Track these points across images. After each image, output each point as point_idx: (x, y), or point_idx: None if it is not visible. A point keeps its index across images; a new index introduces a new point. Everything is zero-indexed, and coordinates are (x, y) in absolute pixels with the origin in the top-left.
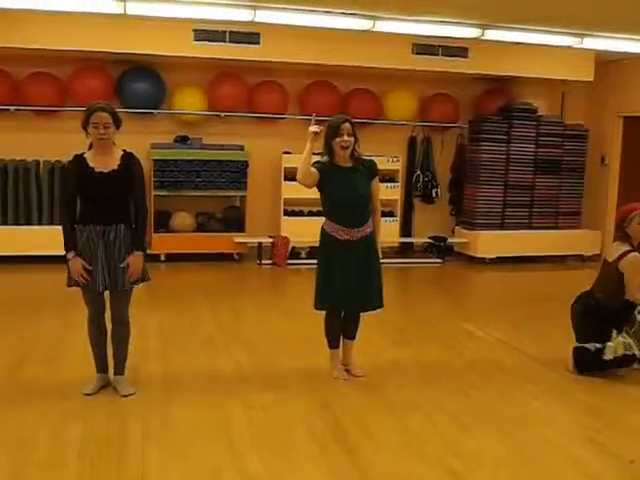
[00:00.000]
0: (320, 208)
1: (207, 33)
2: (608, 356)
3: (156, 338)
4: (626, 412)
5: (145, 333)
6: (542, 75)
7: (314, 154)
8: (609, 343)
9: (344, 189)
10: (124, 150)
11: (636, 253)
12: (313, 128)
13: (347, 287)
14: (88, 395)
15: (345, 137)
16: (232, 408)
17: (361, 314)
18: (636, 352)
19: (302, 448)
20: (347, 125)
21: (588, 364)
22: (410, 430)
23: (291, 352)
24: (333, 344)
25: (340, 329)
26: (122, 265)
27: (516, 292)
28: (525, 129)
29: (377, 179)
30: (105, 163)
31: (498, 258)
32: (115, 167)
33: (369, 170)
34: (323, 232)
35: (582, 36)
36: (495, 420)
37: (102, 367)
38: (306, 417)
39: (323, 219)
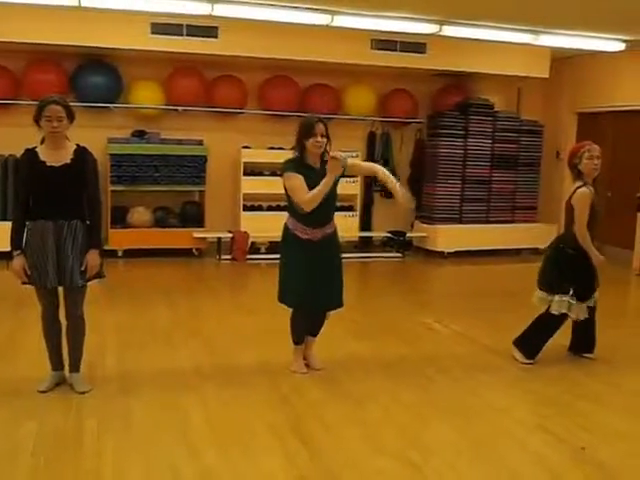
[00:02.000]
0: (279, 203)
1: (164, 26)
2: (554, 309)
3: (113, 335)
4: (575, 399)
5: (102, 330)
6: (499, 71)
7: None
8: (563, 298)
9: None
10: (77, 144)
11: (585, 188)
12: (337, 154)
13: (310, 285)
14: (43, 392)
15: (319, 138)
16: (190, 404)
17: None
18: (572, 315)
19: (261, 442)
20: (321, 126)
21: (532, 347)
22: (368, 422)
23: (250, 347)
24: (298, 341)
25: (306, 327)
26: (82, 268)
27: (474, 285)
28: (482, 124)
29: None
30: (57, 157)
31: (456, 252)
32: (68, 161)
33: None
34: (286, 229)
35: (538, 33)
36: (452, 411)
37: (57, 364)
38: (265, 411)
39: (285, 214)
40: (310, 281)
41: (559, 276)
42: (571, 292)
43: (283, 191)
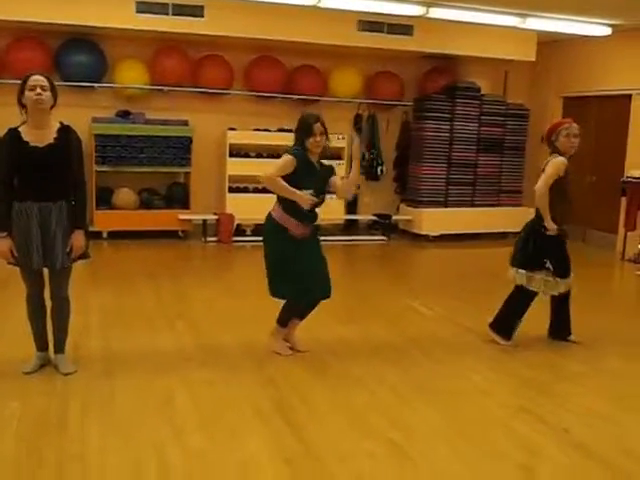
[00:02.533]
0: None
1: (150, 5)
2: (533, 286)
3: (98, 316)
4: (557, 381)
5: (87, 311)
6: (485, 54)
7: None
8: (543, 275)
9: (311, 186)
10: (61, 123)
11: (563, 157)
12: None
13: (304, 279)
14: (27, 373)
15: (318, 137)
16: (175, 386)
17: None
18: (549, 292)
19: (246, 424)
20: (319, 125)
21: (507, 327)
22: (354, 405)
23: (235, 329)
24: (285, 324)
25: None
26: (67, 249)
27: (459, 268)
28: (468, 108)
29: (333, 176)
30: (41, 137)
31: (442, 235)
32: (51, 141)
33: (330, 171)
34: (271, 221)
35: (525, 16)
36: (435, 393)
37: (42, 345)
38: (250, 393)
39: (273, 195)
40: (299, 273)
41: (537, 253)
42: (548, 266)
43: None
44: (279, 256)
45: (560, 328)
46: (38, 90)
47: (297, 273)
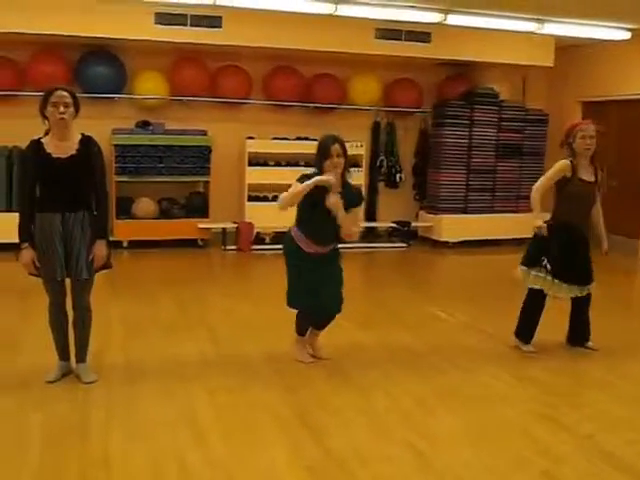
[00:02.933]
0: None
1: (168, 16)
2: (530, 283)
3: (119, 325)
4: (580, 389)
5: (108, 320)
6: (503, 60)
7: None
8: (538, 273)
9: (326, 217)
10: (82, 134)
11: (566, 160)
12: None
13: (313, 294)
14: (50, 382)
15: (335, 159)
16: (196, 393)
17: None
18: (549, 292)
19: (267, 431)
20: (336, 147)
21: (524, 331)
22: (374, 411)
23: (255, 337)
24: (302, 332)
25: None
26: (89, 259)
27: (479, 275)
28: (487, 114)
29: (358, 207)
30: (63, 148)
31: (461, 242)
32: (73, 152)
33: (355, 198)
34: (289, 239)
35: (542, 22)
36: (457, 399)
37: (64, 355)
38: (271, 401)
39: (291, 210)
40: (313, 289)
41: (535, 249)
42: (545, 264)
43: (287, 182)
44: (294, 270)
45: (577, 334)
46: (61, 109)
47: (307, 289)
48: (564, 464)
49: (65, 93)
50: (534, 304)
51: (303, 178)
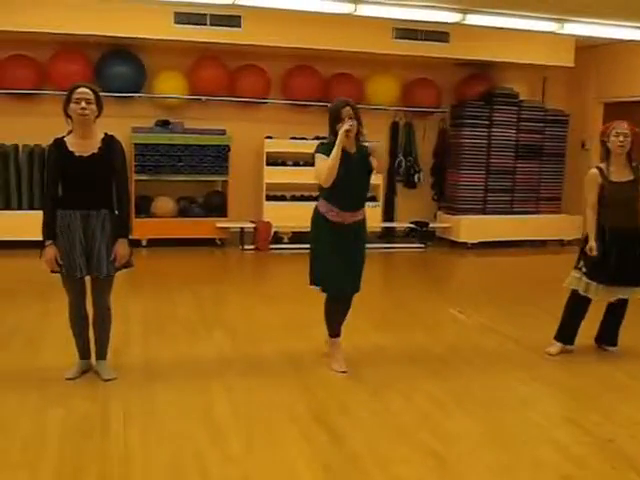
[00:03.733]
0: (302, 193)
1: (188, 16)
2: (566, 283)
3: (138, 323)
4: (603, 392)
5: (127, 318)
6: (523, 60)
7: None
8: (575, 273)
9: (347, 174)
10: (105, 133)
11: (594, 169)
12: (346, 126)
13: (337, 270)
14: (70, 379)
15: (347, 121)
16: (214, 391)
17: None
18: (588, 294)
19: (284, 430)
20: (348, 109)
21: (565, 331)
22: (391, 412)
23: (273, 336)
24: (334, 332)
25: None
26: (111, 257)
27: (497, 276)
28: (506, 114)
29: (372, 158)
30: (85, 147)
31: (480, 243)
32: (95, 151)
33: (366, 159)
34: (316, 212)
35: (563, 21)
36: (476, 402)
37: (84, 353)
38: (288, 400)
39: (310, 203)
40: (338, 263)
41: (580, 252)
42: (581, 266)
43: (306, 181)
44: (317, 244)
45: (604, 336)
46: (83, 104)
47: (326, 263)
48: (586, 468)
49: (87, 90)
50: (576, 304)
51: (320, 147)
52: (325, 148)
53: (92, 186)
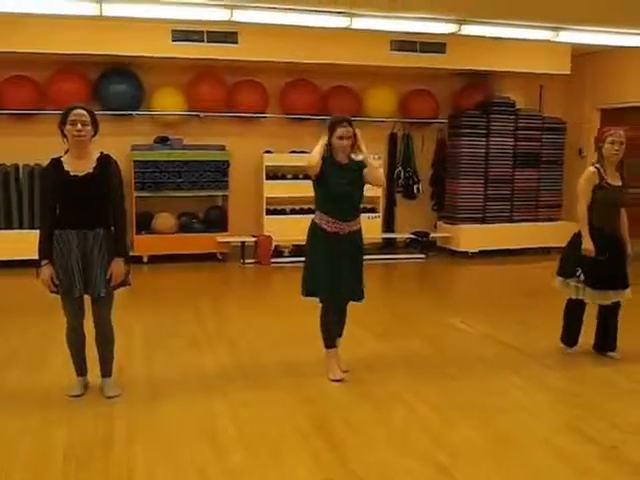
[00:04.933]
0: (302, 206)
1: (185, 33)
2: (570, 294)
3: (140, 339)
4: (605, 399)
5: (129, 334)
6: (519, 69)
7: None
8: (575, 282)
9: (340, 184)
10: (101, 153)
11: (591, 167)
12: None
13: (330, 278)
14: (74, 397)
15: (344, 141)
16: (217, 407)
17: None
18: (587, 300)
19: (287, 444)
20: (344, 125)
21: (567, 334)
22: (394, 424)
23: (275, 349)
24: (329, 343)
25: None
26: (107, 276)
27: (499, 285)
28: (504, 123)
29: (365, 168)
30: (81, 166)
31: (480, 252)
32: (91, 170)
33: (360, 166)
34: (313, 223)
35: (558, 29)
36: (478, 410)
37: (81, 371)
38: (290, 413)
39: (308, 217)
40: (333, 272)
41: (570, 259)
42: (579, 274)
43: (305, 194)
44: (312, 254)
45: (606, 341)
46: (79, 126)
47: (327, 271)
48: (590, 476)
49: (83, 112)
50: (571, 312)
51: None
52: (324, 156)
53: (88, 205)
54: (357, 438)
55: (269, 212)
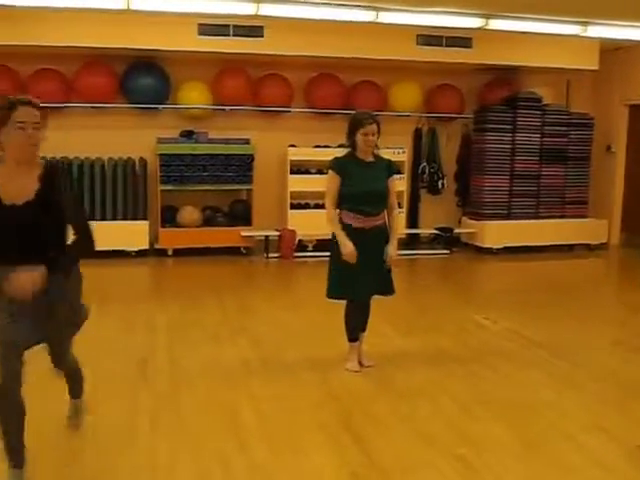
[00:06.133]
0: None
1: (211, 27)
2: None
3: (164, 332)
4: (632, 398)
5: (153, 327)
6: (546, 64)
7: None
8: None
9: (363, 181)
10: (46, 162)
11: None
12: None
13: (357, 275)
14: None
15: (370, 137)
16: (240, 400)
17: (371, 306)
18: None
19: (310, 437)
20: (371, 125)
21: None
22: (418, 418)
23: (298, 344)
24: (352, 336)
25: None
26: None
27: (523, 281)
28: (530, 118)
29: (394, 177)
30: (18, 190)
31: (505, 248)
32: (32, 197)
33: (387, 168)
34: (339, 221)
35: (586, 24)
36: (502, 406)
37: (17, 458)
38: (313, 407)
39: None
40: (358, 269)
41: None
42: None
43: None
44: (336, 251)
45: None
46: (30, 131)
47: (344, 268)
48: (612, 472)
49: (34, 110)
50: None
51: (334, 162)
52: (339, 164)
53: (29, 239)
54: (381, 432)
55: (293, 206)
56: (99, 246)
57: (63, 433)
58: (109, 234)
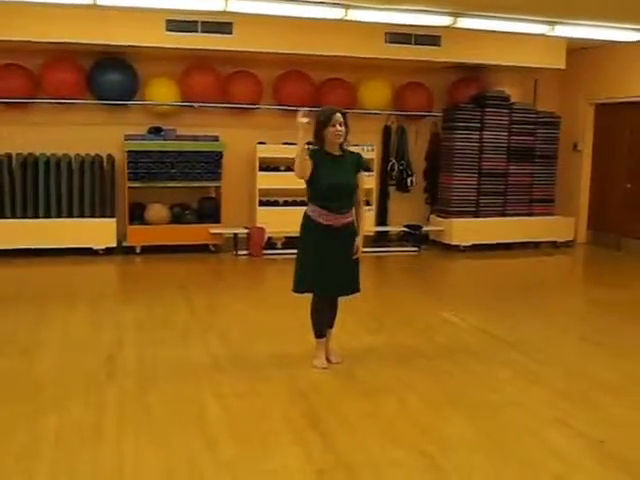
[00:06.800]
0: (295, 198)
1: (179, 23)
2: None
3: (131, 330)
4: (593, 392)
5: (120, 324)
6: (514, 63)
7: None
8: None
9: (332, 176)
10: None
11: None
12: (304, 120)
13: (324, 271)
14: None
15: (338, 127)
16: (207, 397)
17: (338, 303)
18: None
19: (277, 435)
20: (339, 116)
21: None
22: (384, 415)
23: (266, 341)
24: (319, 332)
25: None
26: None
27: (491, 279)
28: (498, 117)
29: (362, 172)
30: None
31: (473, 245)
32: None
33: (356, 162)
34: (305, 216)
35: (554, 24)
36: (467, 403)
37: None
38: (281, 405)
39: (303, 208)
40: (326, 265)
41: None
42: None
43: (298, 186)
44: (303, 246)
45: None
46: None
47: (312, 264)
48: (577, 469)
49: None
50: None
51: (309, 149)
52: (312, 150)
53: None
54: (348, 430)
55: (262, 204)
56: (66, 244)
57: (28, 431)
58: (76, 231)
